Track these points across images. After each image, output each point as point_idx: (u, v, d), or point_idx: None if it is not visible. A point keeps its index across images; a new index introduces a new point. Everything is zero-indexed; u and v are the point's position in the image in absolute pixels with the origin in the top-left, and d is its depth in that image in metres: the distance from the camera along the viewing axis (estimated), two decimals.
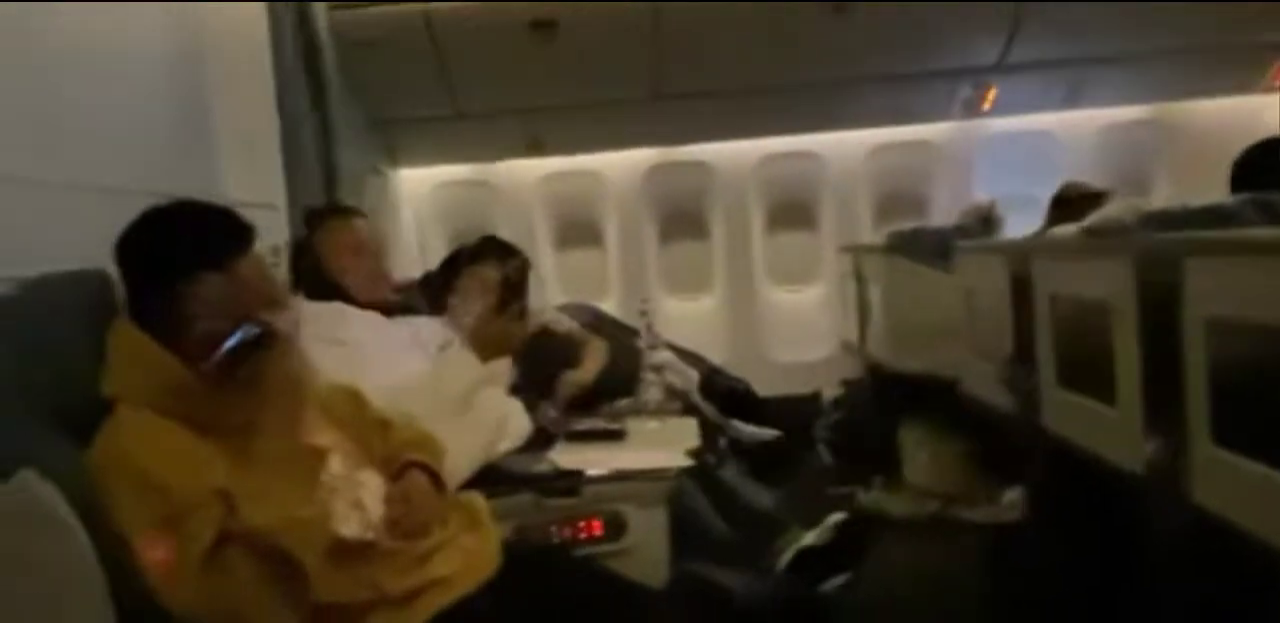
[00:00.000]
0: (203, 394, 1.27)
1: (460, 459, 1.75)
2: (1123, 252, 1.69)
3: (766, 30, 3.73)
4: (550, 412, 2.57)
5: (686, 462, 1.91)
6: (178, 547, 1.18)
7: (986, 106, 4.17)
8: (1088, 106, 4.22)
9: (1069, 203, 3.28)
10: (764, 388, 4.01)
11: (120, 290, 1.38)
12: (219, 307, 1.29)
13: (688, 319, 4.60)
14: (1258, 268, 1.32)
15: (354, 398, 1.62)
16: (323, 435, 1.45)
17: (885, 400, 3.60)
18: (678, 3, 3.66)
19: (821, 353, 4.57)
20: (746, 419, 3.58)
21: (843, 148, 4.49)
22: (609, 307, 4.67)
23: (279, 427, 1.32)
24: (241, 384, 1.27)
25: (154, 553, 1.19)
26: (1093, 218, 2.06)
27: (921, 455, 3.25)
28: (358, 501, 1.38)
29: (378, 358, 1.97)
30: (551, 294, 4.48)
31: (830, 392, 4.28)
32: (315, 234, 2.13)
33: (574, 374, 2.62)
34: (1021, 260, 2.26)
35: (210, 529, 1.19)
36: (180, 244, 1.30)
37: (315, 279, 2.08)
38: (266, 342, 1.27)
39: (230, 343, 1.26)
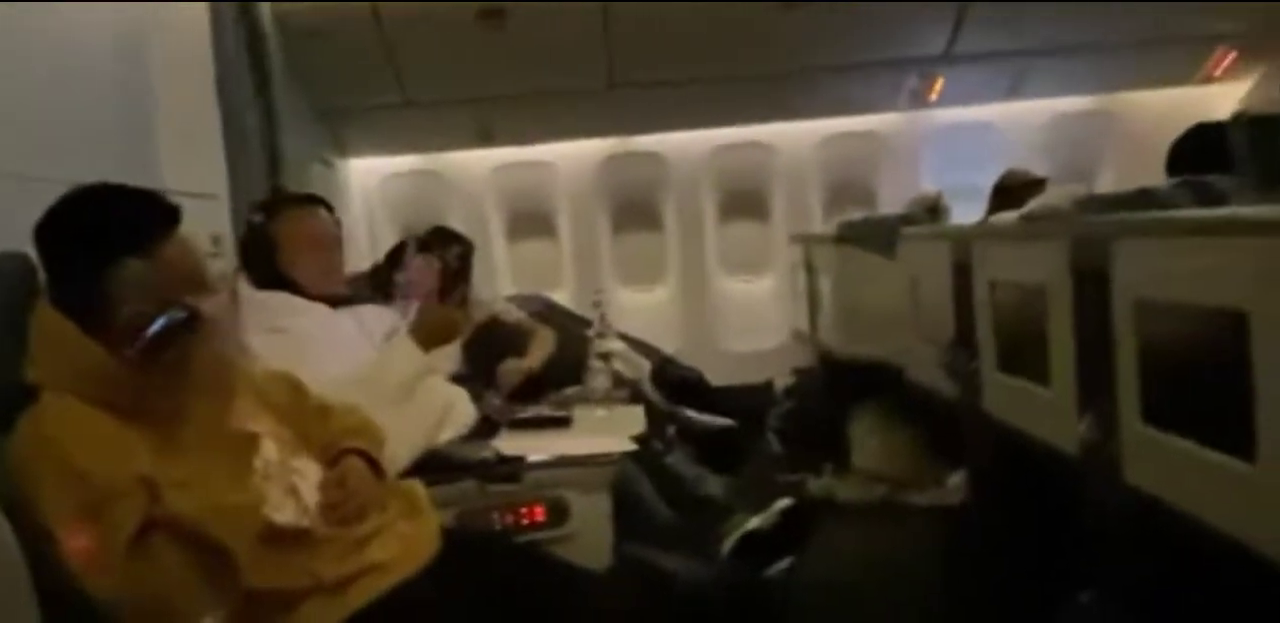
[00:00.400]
0: (126, 380, 1.25)
1: (401, 447, 1.74)
2: (1057, 236, 1.72)
3: (716, 21, 3.74)
4: (494, 400, 2.56)
5: (630, 447, 1.91)
6: (101, 535, 1.17)
7: (933, 97, 4.23)
8: (1032, 98, 4.29)
9: (1010, 191, 3.33)
10: (717, 377, 4.02)
11: (42, 275, 1.35)
12: (143, 291, 1.27)
13: (641, 310, 4.61)
14: (1181, 248, 1.35)
15: (291, 385, 1.59)
16: (256, 422, 1.43)
17: (835, 388, 3.63)
18: None
19: (773, 342, 4.61)
20: (699, 408, 3.59)
21: (793, 138, 4.52)
22: (562, 298, 4.65)
23: (208, 413, 1.30)
24: (166, 369, 1.24)
25: (77, 541, 1.17)
26: (1031, 204, 2.09)
27: (870, 442, 3.29)
28: (292, 487, 1.36)
29: (321, 347, 1.94)
30: (503, 285, 4.46)
31: (782, 381, 4.30)
32: (273, 223, 2.08)
33: (517, 362, 2.62)
34: (963, 247, 2.29)
35: (134, 517, 1.17)
36: (102, 227, 1.27)
37: (265, 269, 2.04)
38: (192, 325, 1.25)
39: (154, 327, 1.24)
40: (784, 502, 2.20)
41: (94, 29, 2.18)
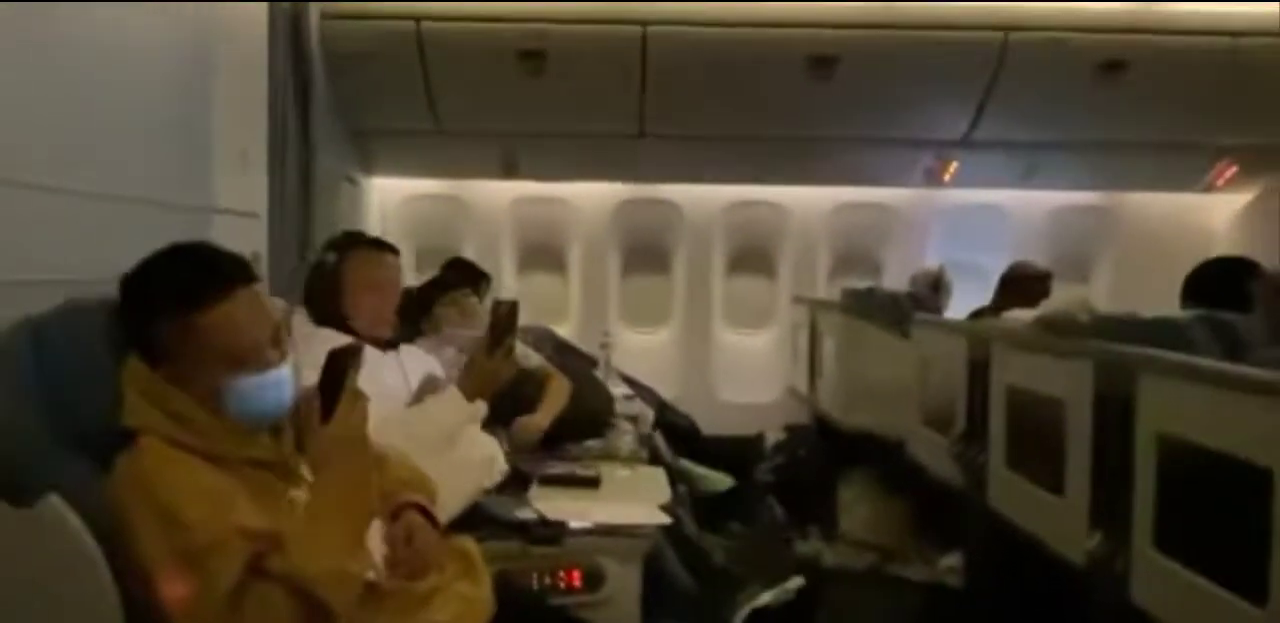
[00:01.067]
0: (221, 432, 1.29)
1: (449, 499, 1.76)
2: (1081, 356, 1.83)
3: (751, 83, 3.85)
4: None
5: (664, 519, 1.99)
6: (200, 584, 1.19)
7: (947, 177, 4.36)
8: (1042, 187, 4.45)
9: (1018, 282, 3.45)
10: (709, 426, 4.10)
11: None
12: (218, 348, 1.30)
13: (643, 351, 4.68)
14: (1206, 395, 1.46)
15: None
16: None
17: (828, 451, 3.75)
18: (667, 47, 3.73)
19: (768, 397, 4.68)
20: (689, 455, 3.66)
21: (807, 202, 4.64)
22: (566, 332, 4.71)
23: (341, 474, 1.31)
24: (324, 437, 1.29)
25: (175, 589, 1.19)
26: (1045, 308, 2.20)
27: (860, 509, 3.39)
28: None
29: (370, 390, 1.99)
30: None
31: (774, 435, 4.38)
32: (344, 264, 2.07)
33: (530, 419, 2.61)
34: (981, 344, 2.41)
35: (233, 567, 1.19)
36: (168, 287, 1.31)
37: (326, 306, 2.06)
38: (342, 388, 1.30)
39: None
40: (798, 580, 2.26)
41: (157, 35, 2.19)
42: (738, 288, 4.83)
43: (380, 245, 2.16)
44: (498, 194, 4.63)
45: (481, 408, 1.99)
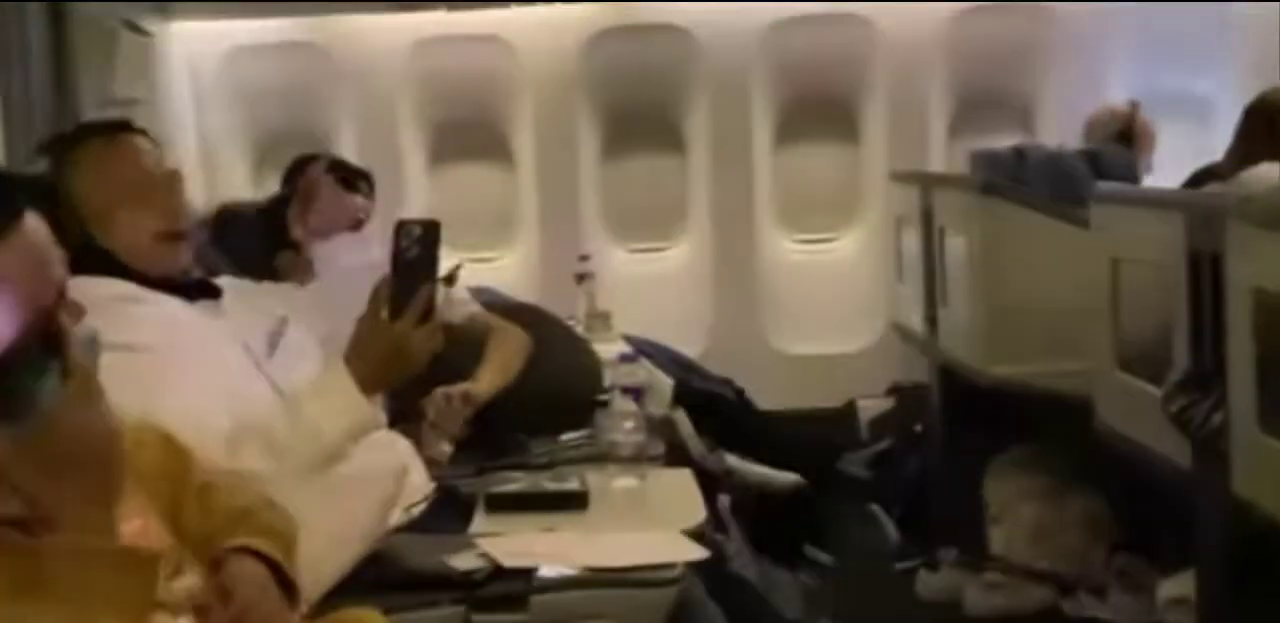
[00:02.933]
0: None
1: (332, 546, 1.76)
2: None
3: None
4: (443, 445, 2.59)
5: (696, 552, 1.96)
6: None
7: None
8: None
9: (1268, 121, 3.37)
10: (764, 395, 4.09)
11: None
12: None
13: (646, 284, 4.65)
14: None
15: (168, 449, 1.62)
16: (131, 517, 1.45)
17: (963, 424, 3.72)
18: None
19: (858, 342, 4.66)
20: (737, 447, 3.66)
21: (905, 11, 4.54)
22: (519, 264, 4.65)
23: (86, 514, 1.31)
24: (27, 445, 1.27)
25: None
26: None
27: (1023, 515, 3.36)
28: None
29: (183, 372, 1.96)
30: None
31: (871, 405, 4.38)
32: (69, 172, 2.09)
33: (452, 390, 2.60)
34: (1207, 224, 2.34)
35: None
36: None
37: (70, 244, 2.05)
38: (62, 366, 1.27)
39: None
40: None
41: None
42: (798, 165, 4.78)
43: (114, 129, 2.16)
44: (387, 36, 4.57)
45: (379, 413, 1.99)
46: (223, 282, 2.25)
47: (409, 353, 1.90)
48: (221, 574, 1.50)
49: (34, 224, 1.34)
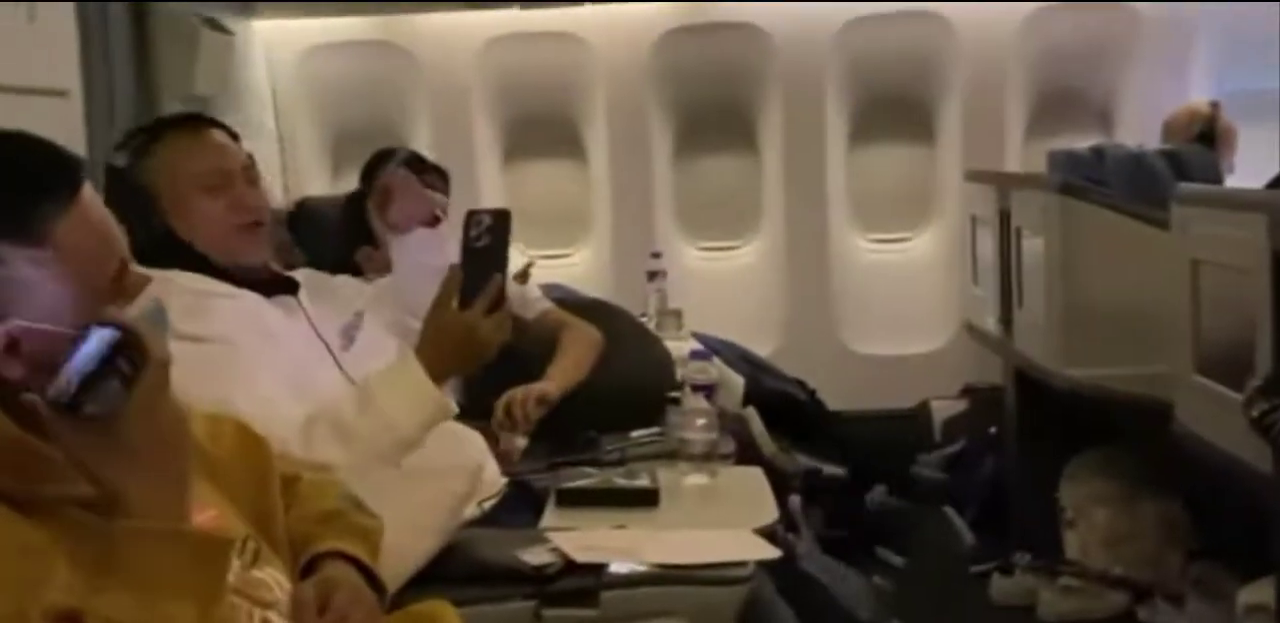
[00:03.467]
0: (32, 455, 1.28)
1: (406, 540, 1.75)
2: None
3: None
4: (515, 441, 2.60)
5: (768, 551, 1.95)
6: None
7: None
8: None
9: None
10: (836, 395, 4.09)
11: None
12: (32, 298, 1.29)
13: (718, 282, 4.65)
14: None
15: (243, 440, 1.63)
16: (205, 506, 1.47)
17: (1038, 427, 3.70)
18: None
19: (932, 342, 4.65)
20: (805, 444, 3.65)
21: (983, 10, 4.50)
22: (593, 259, 4.66)
23: (157, 501, 1.32)
24: (90, 433, 1.28)
25: None
26: None
27: (1098, 519, 3.35)
28: (265, 620, 1.40)
29: (255, 364, 1.98)
30: None
31: (945, 406, 4.36)
32: (144, 163, 2.11)
33: (525, 391, 2.64)
34: None
35: None
36: None
37: (150, 236, 2.07)
38: (132, 356, 1.28)
39: (74, 361, 1.27)
40: None
41: None
42: (872, 164, 4.76)
43: (194, 122, 2.20)
44: (461, 34, 4.58)
45: (450, 402, 1.99)
46: (300, 275, 2.28)
47: (478, 342, 1.92)
48: (317, 579, 1.50)
49: (91, 195, 1.36)
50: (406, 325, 2.28)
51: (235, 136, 2.23)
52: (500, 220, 1.93)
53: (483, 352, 1.94)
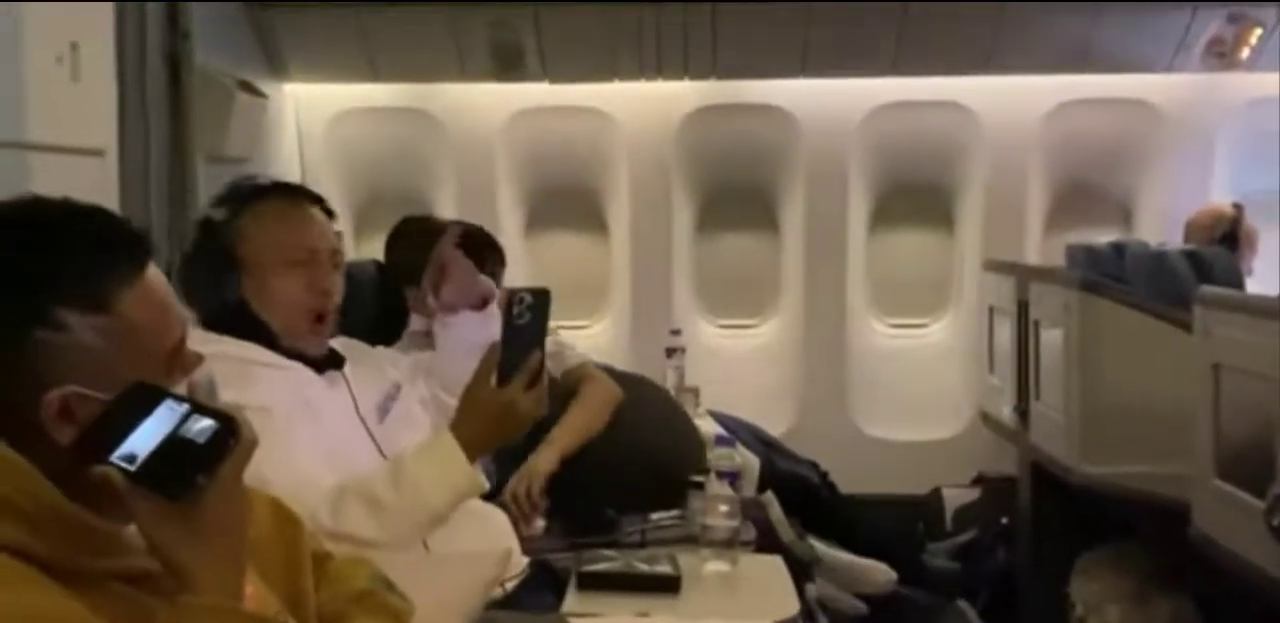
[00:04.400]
0: (76, 526, 1.28)
1: (441, 619, 1.75)
2: None
3: None
4: (535, 524, 2.61)
5: None
6: None
7: (1244, 54, 4.26)
8: None
9: None
10: (850, 479, 4.08)
11: None
12: (97, 366, 1.30)
13: (734, 360, 4.67)
14: None
15: (279, 516, 1.63)
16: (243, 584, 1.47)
17: (1053, 519, 3.70)
18: None
19: (947, 429, 4.65)
20: (816, 529, 3.64)
21: (1007, 101, 4.56)
22: (611, 332, 4.70)
23: (220, 578, 1.32)
24: (172, 509, 1.28)
25: None
26: None
27: (1108, 617, 3.35)
28: None
29: (292, 434, 1.99)
30: None
31: (957, 494, 4.36)
32: (239, 221, 2.10)
33: (526, 477, 2.70)
34: None
35: None
36: (32, 276, 1.30)
37: (224, 302, 2.07)
38: (227, 439, 1.29)
39: (147, 436, 1.28)
40: None
41: None
42: (893, 250, 4.80)
43: (298, 195, 2.19)
44: (489, 105, 4.64)
45: (482, 478, 2.02)
46: (339, 343, 2.28)
47: (515, 417, 1.97)
48: None
49: (155, 271, 1.37)
50: (441, 401, 2.30)
51: (331, 215, 2.23)
52: (540, 298, 1.99)
53: (519, 427, 2.00)
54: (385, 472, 1.99)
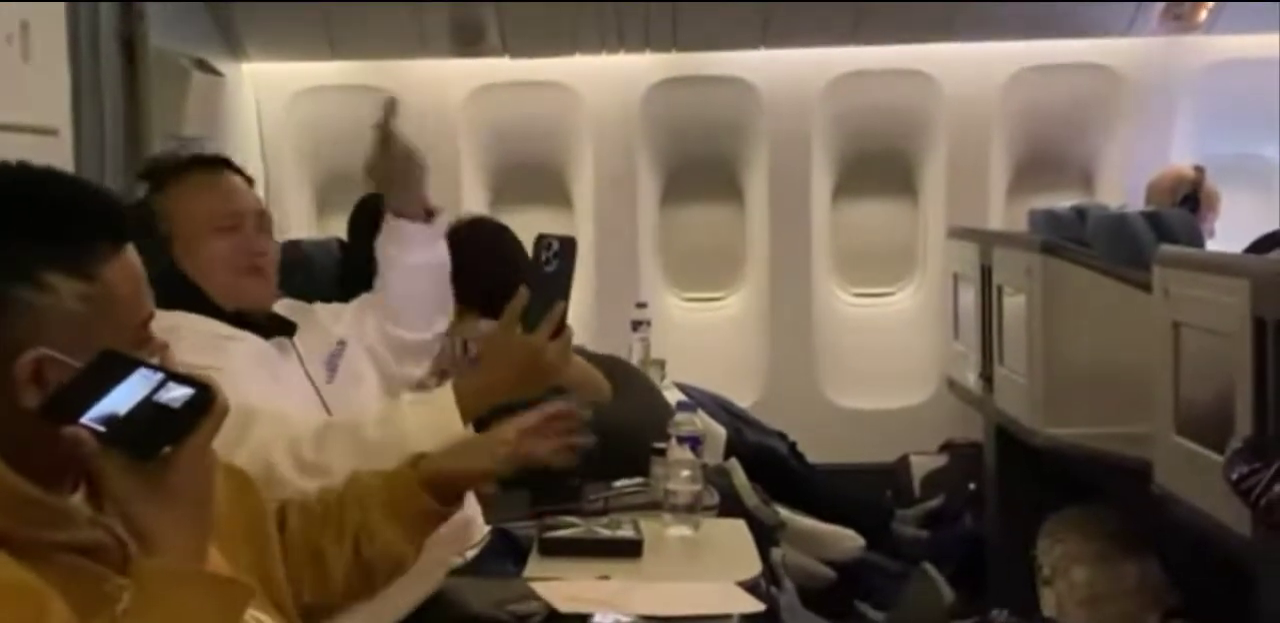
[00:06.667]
0: (25, 500, 1.29)
1: (394, 589, 1.74)
2: None
3: None
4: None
5: (752, 604, 1.96)
6: None
7: (1201, 18, 4.28)
8: None
9: None
10: (816, 448, 4.11)
11: None
12: (73, 332, 1.31)
13: (700, 333, 4.68)
14: None
15: (239, 485, 1.64)
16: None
17: (1018, 483, 3.73)
18: None
19: (913, 397, 4.67)
20: (786, 498, 3.66)
21: (966, 68, 4.58)
22: (576, 307, 4.62)
23: (186, 544, 1.32)
24: (142, 473, 1.29)
25: None
26: None
27: (1075, 579, 3.35)
28: None
29: (265, 394, 2.00)
30: None
31: (924, 461, 4.36)
32: (163, 196, 2.13)
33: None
34: (1272, 292, 2.36)
35: None
36: (24, 237, 1.31)
37: (161, 275, 2.07)
38: (206, 407, 1.29)
39: (121, 401, 1.28)
40: None
41: None
42: (857, 219, 4.81)
43: (216, 164, 2.22)
44: (449, 81, 4.63)
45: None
46: (281, 306, 2.29)
47: (541, 367, 1.93)
48: None
49: (131, 249, 1.39)
50: (391, 337, 2.32)
51: (251, 182, 2.26)
52: (567, 247, 1.94)
53: (543, 377, 1.95)
54: (377, 412, 2.00)
